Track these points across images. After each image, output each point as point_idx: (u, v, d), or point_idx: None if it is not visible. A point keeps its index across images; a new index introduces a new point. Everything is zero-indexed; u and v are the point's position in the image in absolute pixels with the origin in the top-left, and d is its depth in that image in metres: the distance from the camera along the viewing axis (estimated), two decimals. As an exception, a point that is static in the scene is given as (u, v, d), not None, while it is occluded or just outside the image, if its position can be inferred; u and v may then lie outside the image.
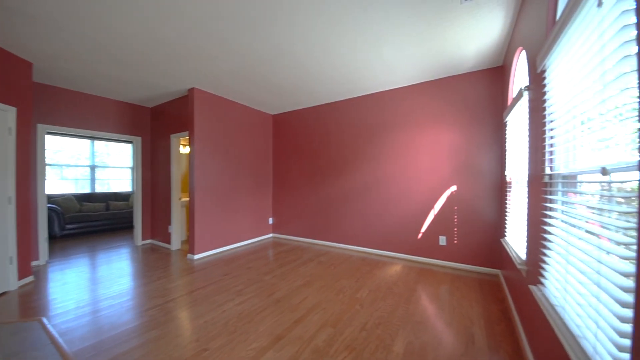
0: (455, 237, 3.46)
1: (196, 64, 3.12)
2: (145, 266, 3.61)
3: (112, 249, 4.54)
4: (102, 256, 4.11)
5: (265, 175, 5.21)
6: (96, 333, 2.03)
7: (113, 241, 5.12)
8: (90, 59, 2.99)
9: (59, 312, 2.34)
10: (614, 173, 0.73)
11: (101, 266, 3.63)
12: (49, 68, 3.22)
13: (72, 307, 2.45)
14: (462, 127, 3.42)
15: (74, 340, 1.93)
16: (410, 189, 3.78)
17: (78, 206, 5.82)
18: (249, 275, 3.18)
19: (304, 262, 3.71)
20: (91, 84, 3.75)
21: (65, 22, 2.30)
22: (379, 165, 4.05)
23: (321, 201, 4.65)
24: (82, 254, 4.29)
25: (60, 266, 3.62)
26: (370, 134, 4.14)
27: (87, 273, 3.36)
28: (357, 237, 4.25)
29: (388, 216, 3.96)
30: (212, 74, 3.40)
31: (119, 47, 2.71)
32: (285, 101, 4.54)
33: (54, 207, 5.20)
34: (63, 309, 2.41)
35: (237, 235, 4.56)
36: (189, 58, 2.96)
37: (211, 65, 3.15)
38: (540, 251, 1.46)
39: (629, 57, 0.71)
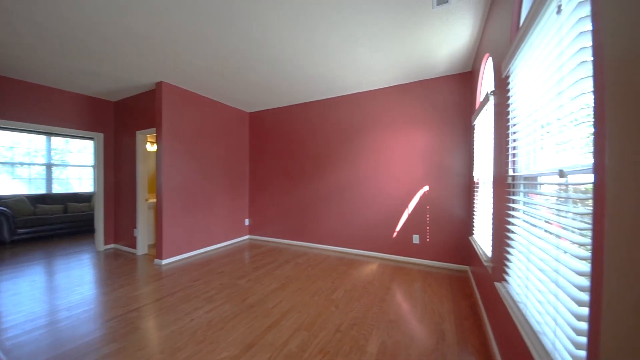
0: (428, 236, 3.56)
1: (164, 56, 2.93)
2: (107, 273, 3.34)
3: (71, 255, 4.16)
4: (59, 263, 3.75)
5: (241, 175, 5.05)
6: (48, 349, 1.82)
7: (72, 246, 4.69)
8: (42, 48, 2.70)
9: (6, 327, 2.09)
10: (570, 175, 0.76)
11: (58, 274, 3.30)
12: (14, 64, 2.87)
13: (22, 320, 2.20)
14: (434, 129, 3.53)
15: (21, 358, 1.72)
16: (385, 190, 3.84)
17: (32, 208, 5.27)
18: (222, 280, 3.05)
19: (281, 264, 3.63)
20: (46, 75, 3.39)
21: (11, 4, 2.04)
22: (355, 165, 4.08)
23: (299, 202, 4.60)
24: (36, 261, 3.88)
25: (9, 275, 3.25)
26: (346, 135, 4.15)
27: (41, 282, 3.03)
28: (335, 237, 4.25)
29: (365, 216, 3.99)
30: (182, 67, 3.22)
31: (75, 36, 2.47)
32: (261, 99, 4.43)
33: (3, 210, 4.67)
34: (11, 323, 2.15)
35: (210, 237, 4.37)
36: (156, 49, 2.77)
37: (181, 58, 2.97)
38: (504, 249, 1.52)
39: (585, 63, 0.73)
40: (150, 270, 3.45)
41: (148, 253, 4.20)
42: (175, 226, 3.79)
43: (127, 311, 2.37)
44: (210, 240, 4.38)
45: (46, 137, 5.85)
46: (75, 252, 4.36)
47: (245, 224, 5.13)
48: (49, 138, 5.88)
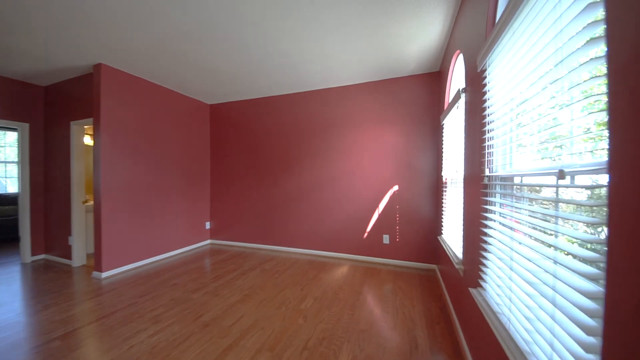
0: (397, 236, 3.52)
1: (102, 32, 2.47)
2: (32, 290, 2.77)
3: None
4: (-39, 282, 3.03)
5: (201, 173, 4.60)
6: None
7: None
8: None
9: None
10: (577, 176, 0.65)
11: (-46, 298, 2.65)
12: None
13: None
14: (403, 128, 3.50)
15: None
16: (357, 189, 3.73)
17: None
18: (173, 294, 2.68)
19: (245, 271, 3.34)
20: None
21: None
22: (324, 164, 3.91)
23: (266, 202, 4.31)
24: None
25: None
26: (316, 133, 3.97)
27: None
28: (304, 239, 4.05)
29: (334, 217, 3.85)
30: (124, 47, 2.76)
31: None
32: (221, 89, 4.05)
33: None
34: None
35: (163, 244, 3.90)
36: (91, 22, 2.31)
37: (123, 36, 2.53)
38: (479, 253, 1.44)
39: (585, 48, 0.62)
40: (87, 285, 2.93)
41: (87, 264, 3.61)
42: (117, 232, 3.28)
43: (50, 339, 1.93)
44: (164, 247, 3.91)
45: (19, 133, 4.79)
46: None
47: (206, 227, 4.70)
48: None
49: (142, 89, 3.55)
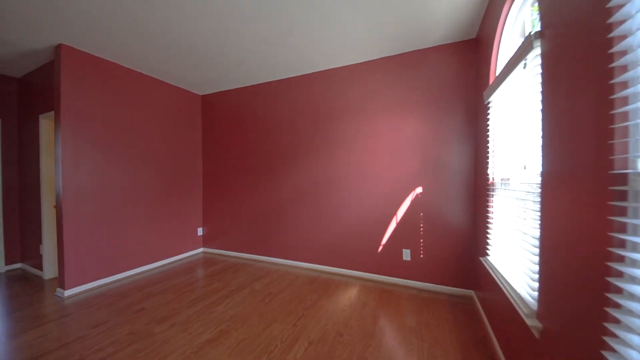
0: (421, 251, 2.78)
1: (62, 5, 1.96)
2: (-25, 314, 2.33)
3: (-51, 283, 3.08)
4: None
5: (192, 173, 4.08)
6: None
7: (-38, 268, 3.57)
8: None
9: None
10: None
11: None
12: None
13: None
14: (428, 114, 2.74)
15: None
16: (367, 191, 3.02)
17: None
18: (133, 326, 2.12)
19: (231, 292, 2.74)
20: None
21: None
22: (329, 161, 3.23)
23: (262, 206, 3.70)
24: None
25: None
26: (318, 123, 3.29)
27: None
28: (307, 251, 3.39)
29: (341, 225, 3.16)
30: (91, 23, 2.25)
31: None
32: (212, 75, 3.49)
33: None
34: None
35: (145, 254, 3.40)
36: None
37: (86, 10, 2.01)
38: (593, 304, 0.71)
39: None
40: (45, 305, 2.47)
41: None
42: (85, 242, 2.80)
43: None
44: (147, 258, 3.41)
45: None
46: (-40, 276, 3.27)
47: (199, 234, 4.18)
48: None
49: (116, 76, 3.05)
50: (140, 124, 3.33)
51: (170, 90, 3.72)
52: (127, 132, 3.19)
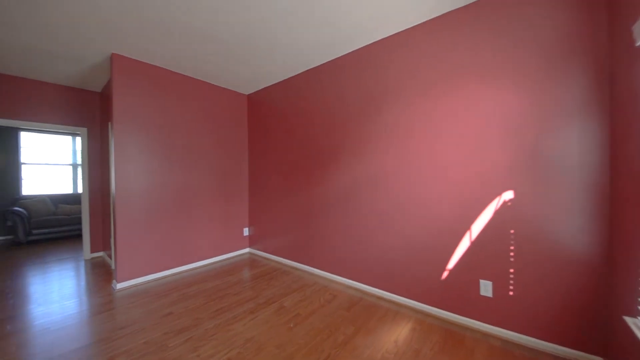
0: (511, 286, 1.89)
1: (113, 19, 2.02)
2: (60, 292, 2.66)
3: (58, 263, 3.76)
4: (34, 272, 3.30)
5: (239, 172, 4.03)
6: None
7: (70, 251, 4.38)
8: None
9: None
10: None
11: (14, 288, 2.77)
12: None
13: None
14: (527, 80, 1.82)
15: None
16: (427, 195, 2.26)
17: (52, 209, 5.27)
18: (152, 333, 2.01)
19: (259, 305, 2.43)
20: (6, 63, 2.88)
21: None
22: (375, 155, 2.59)
23: (304, 209, 3.32)
24: (23, 267, 3.55)
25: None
26: (366, 109, 2.68)
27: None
28: (348, 265, 2.84)
29: (392, 237, 2.48)
30: (136, 30, 2.32)
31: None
32: (258, 69, 3.27)
33: (19, 211, 4.65)
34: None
35: (193, 252, 3.46)
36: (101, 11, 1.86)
37: (135, 20, 2.03)
38: None
39: None
40: (99, 296, 2.66)
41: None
42: (135, 239, 2.96)
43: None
44: (194, 256, 3.47)
45: (72, 137, 5.88)
46: (65, 259, 3.98)
47: (244, 234, 4.11)
48: (74, 138, 5.91)
49: (164, 81, 3.15)
50: (189, 126, 3.40)
51: (217, 92, 3.72)
52: (176, 135, 3.28)
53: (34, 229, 4.77)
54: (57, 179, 5.79)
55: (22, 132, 5.27)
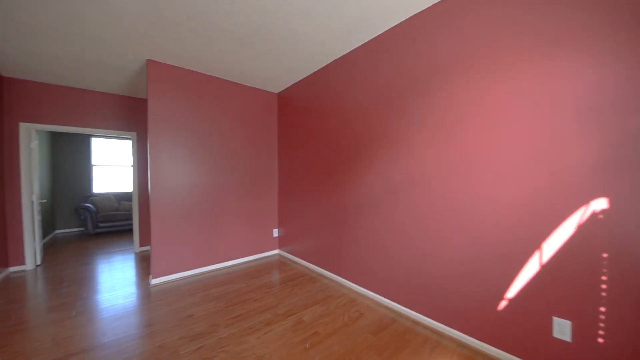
0: (601, 330, 1.34)
1: (147, 28, 2.10)
2: (106, 283, 2.89)
3: (112, 254, 4.18)
4: (91, 263, 3.70)
5: (269, 172, 3.96)
6: None
7: (127, 243, 4.86)
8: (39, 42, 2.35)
9: None
10: None
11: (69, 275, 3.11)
12: (17, 62, 2.84)
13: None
14: (625, 46, 1.27)
15: None
16: (483, 199, 1.80)
17: (116, 205, 5.98)
18: (169, 337, 1.97)
19: (276, 316, 2.26)
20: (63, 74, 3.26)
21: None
22: (416, 151, 2.19)
23: (334, 212, 3.06)
24: (84, 257, 4.03)
25: (37, 275, 3.28)
26: (402, 97, 2.30)
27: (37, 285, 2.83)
28: (381, 278, 2.49)
29: (434, 248, 2.06)
30: (168, 35, 2.39)
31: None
32: (271, 66, 3.14)
33: (88, 207, 5.37)
34: None
35: (223, 252, 3.48)
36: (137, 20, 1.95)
37: (167, 28, 2.07)
38: None
39: None
40: (135, 291, 2.79)
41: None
42: (169, 237, 3.06)
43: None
44: (222, 256, 3.49)
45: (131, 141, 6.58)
46: (120, 250, 4.40)
47: (274, 235, 4.02)
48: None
49: (196, 83, 3.21)
50: (219, 127, 3.43)
51: (246, 92, 3.70)
52: (207, 136, 3.33)
53: (100, 223, 5.45)
54: (121, 178, 6.57)
55: (93, 137, 6.10)
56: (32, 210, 3.49)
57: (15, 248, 3.34)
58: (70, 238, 5.33)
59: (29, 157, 3.47)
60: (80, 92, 3.77)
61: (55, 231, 5.63)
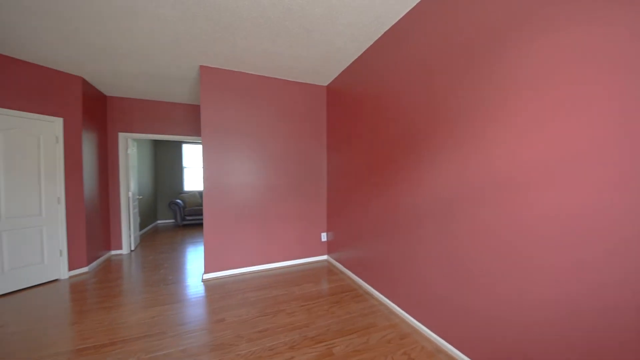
0: None
1: (202, 36, 2.20)
2: (162, 275, 3.22)
3: (191, 244, 4.72)
4: (171, 250, 4.25)
5: (316, 170, 3.69)
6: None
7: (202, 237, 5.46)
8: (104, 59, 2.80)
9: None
10: None
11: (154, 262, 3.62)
12: (109, 82, 3.47)
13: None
14: None
15: None
16: (603, 209, 1.02)
17: (199, 201, 6.87)
18: (195, 341, 1.92)
19: (304, 339, 1.94)
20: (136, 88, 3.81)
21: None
22: (485, 143, 1.49)
23: (383, 217, 2.53)
24: (172, 244, 4.69)
25: (131, 259, 3.94)
26: (478, 57, 1.61)
27: (126, 271, 3.37)
28: (442, 312, 1.85)
29: (527, 281, 1.34)
30: (209, 36, 2.42)
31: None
32: (313, 53, 2.80)
33: (177, 202, 6.31)
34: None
35: (270, 253, 3.41)
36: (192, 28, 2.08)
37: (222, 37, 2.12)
38: None
39: None
40: (189, 286, 2.97)
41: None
42: (219, 235, 3.15)
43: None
44: (268, 257, 3.41)
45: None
46: (198, 242, 4.94)
47: (322, 239, 3.71)
48: (214, 145, 7.45)
49: (245, 84, 3.21)
50: (268, 126, 3.36)
51: (294, 88, 3.51)
52: (256, 136, 3.30)
53: (187, 216, 6.33)
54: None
55: (183, 144, 7.18)
56: (128, 205, 4.22)
57: (115, 235, 4.10)
58: (166, 228, 6.40)
59: (126, 161, 4.22)
60: (160, 104, 4.36)
61: (156, 221, 6.88)
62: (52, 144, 3.06)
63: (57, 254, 3.11)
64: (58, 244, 3.12)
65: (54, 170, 3.07)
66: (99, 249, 3.73)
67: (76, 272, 3.28)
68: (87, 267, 3.39)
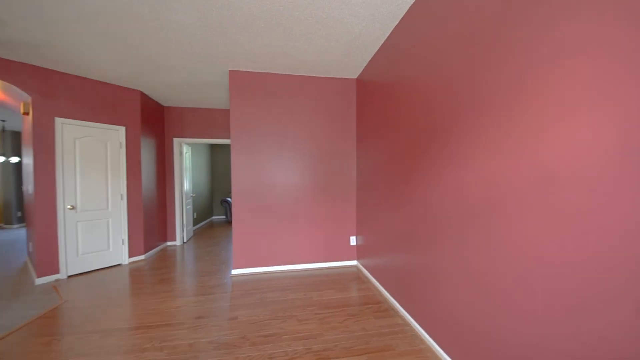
0: None
1: (231, 40, 2.37)
2: (201, 272, 3.46)
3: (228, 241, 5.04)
4: (216, 244, 4.60)
5: (345, 170, 3.46)
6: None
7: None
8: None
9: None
10: None
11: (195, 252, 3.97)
12: (161, 93, 3.95)
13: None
14: None
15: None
16: None
17: (247, 199, 7.32)
18: (204, 335, 1.96)
19: (305, 354, 1.78)
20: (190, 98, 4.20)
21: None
22: (526, 132, 1.07)
23: (411, 224, 2.18)
24: (219, 239, 5.11)
25: (183, 250, 4.40)
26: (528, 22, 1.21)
27: (177, 258, 3.76)
28: (473, 343, 1.45)
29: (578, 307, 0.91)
30: (247, 42, 2.53)
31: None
32: (335, 44, 2.60)
33: (227, 200, 6.84)
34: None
35: (295, 254, 3.35)
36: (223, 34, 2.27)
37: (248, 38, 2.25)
38: None
39: None
40: (218, 279, 3.12)
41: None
42: (247, 233, 3.22)
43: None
44: (293, 258, 3.34)
45: (259, 147, 7.87)
46: (237, 238, 5.24)
47: (351, 243, 3.46)
48: (261, 147, 7.86)
49: (271, 85, 3.23)
50: (294, 126, 3.32)
51: (322, 83, 3.36)
52: (283, 136, 3.29)
53: (235, 213, 6.81)
54: (251, 178, 8.01)
55: (234, 146, 7.77)
56: (181, 202, 4.73)
57: (171, 228, 4.62)
58: (220, 223, 7.00)
59: (180, 163, 4.72)
60: (208, 111, 4.75)
61: (212, 217, 7.60)
62: (117, 148, 3.60)
63: (119, 243, 3.65)
64: (121, 233, 3.65)
65: (118, 171, 3.61)
66: (156, 239, 4.26)
67: (135, 259, 3.79)
68: (144, 255, 3.89)
